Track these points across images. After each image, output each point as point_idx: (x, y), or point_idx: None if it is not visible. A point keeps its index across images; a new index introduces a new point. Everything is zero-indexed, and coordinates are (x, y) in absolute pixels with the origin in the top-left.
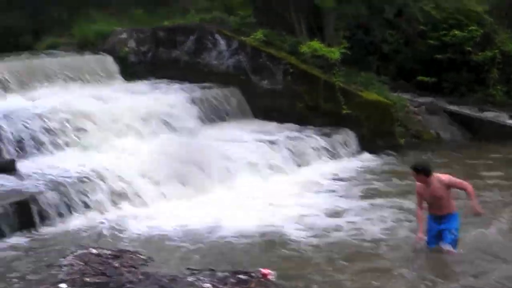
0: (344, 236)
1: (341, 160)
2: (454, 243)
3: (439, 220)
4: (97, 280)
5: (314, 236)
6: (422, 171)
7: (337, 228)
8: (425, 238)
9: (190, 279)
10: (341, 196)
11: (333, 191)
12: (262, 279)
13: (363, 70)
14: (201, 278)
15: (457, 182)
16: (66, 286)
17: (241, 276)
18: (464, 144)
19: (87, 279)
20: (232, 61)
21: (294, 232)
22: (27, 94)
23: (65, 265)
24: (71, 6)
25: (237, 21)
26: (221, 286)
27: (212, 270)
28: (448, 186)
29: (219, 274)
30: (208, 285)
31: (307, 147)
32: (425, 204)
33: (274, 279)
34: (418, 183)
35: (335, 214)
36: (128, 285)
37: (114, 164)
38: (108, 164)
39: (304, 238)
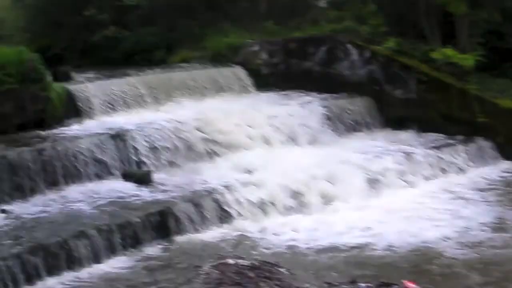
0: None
1: (478, 169)
2: None
3: None
4: None
5: (470, 252)
6: None
7: (494, 243)
8: None
9: None
10: (492, 207)
11: (482, 200)
12: None
13: (498, 77)
14: None
15: None
16: None
17: None
18: None
19: None
20: (364, 70)
21: (446, 245)
22: (162, 107)
23: (201, 274)
24: (203, 20)
25: (368, 31)
26: None
27: (354, 282)
28: None
29: (361, 285)
30: None
31: (445, 156)
32: None
33: None
34: None
35: (492, 227)
36: None
37: (251, 176)
38: (245, 176)
39: (459, 253)
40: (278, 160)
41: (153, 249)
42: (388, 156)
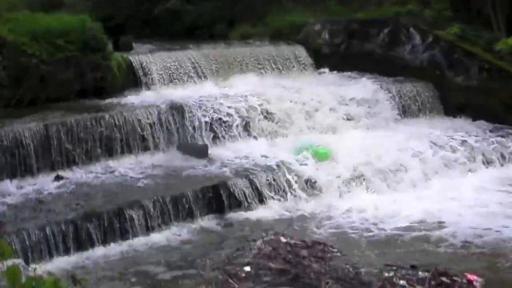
0: None
1: None
2: None
3: None
4: (281, 267)
5: None
6: None
7: None
8: None
9: (385, 274)
10: None
11: None
12: (466, 285)
13: None
14: (398, 275)
15: None
16: (250, 269)
17: (444, 279)
18: None
19: (272, 265)
20: (426, 55)
21: None
22: (222, 82)
23: (253, 249)
24: None
25: (432, 15)
26: (418, 287)
27: (414, 267)
28: None
29: (420, 273)
30: (403, 282)
31: (505, 146)
32: None
33: (480, 287)
34: None
35: None
36: (312, 275)
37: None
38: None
39: None
40: (338, 142)
41: (206, 222)
42: (447, 143)
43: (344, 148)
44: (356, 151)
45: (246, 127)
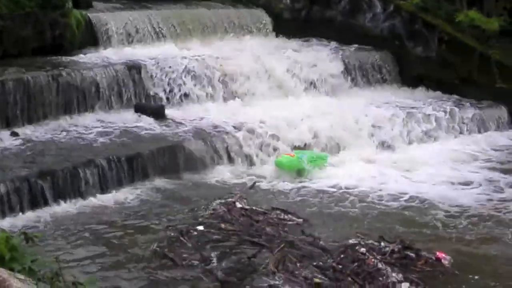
0: None
1: (492, 133)
2: None
3: None
4: (232, 228)
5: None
6: None
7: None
8: None
9: (349, 242)
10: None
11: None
12: (433, 261)
13: None
14: (362, 243)
15: None
16: (203, 228)
17: (409, 252)
18: None
19: (223, 225)
20: (386, 25)
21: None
22: (181, 43)
23: (208, 210)
24: None
25: None
26: (379, 256)
27: (382, 238)
28: None
29: (383, 244)
30: (364, 249)
31: (458, 118)
32: None
33: (449, 265)
34: None
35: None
36: (264, 237)
37: (264, 118)
38: (258, 118)
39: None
40: (297, 107)
41: (161, 183)
42: (402, 113)
43: (303, 113)
44: (315, 117)
45: (204, 89)
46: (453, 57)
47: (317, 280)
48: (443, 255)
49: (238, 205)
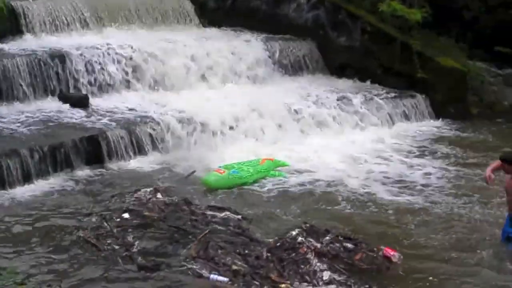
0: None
1: (411, 123)
2: None
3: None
4: (155, 215)
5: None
6: None
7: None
8: None
9: (292, 233)
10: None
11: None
12: (373, 255)
13: (442, 35)
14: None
15: None
16: (129, 216)
17: (348, 244)
18: None
19: (147, 213)
20: (310, 15)
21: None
22: (104, 32)
23: (132, 198)
24: None
25: None
26: (313, 246)
27: (327, 230)
28: None
29: (323, 232)
30: (302, 239)
31: (378, 107)
32: None
33: (398, 262)
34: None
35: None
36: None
37: (186, 107)
38: (181, 107)
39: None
40: (219, 96)
41: (85, 173)
42: (323, 101)
43: (227, 102)
44: (238, 105)
45: (128, 78)
46: (375, 46)
47: (235, 266)
48: (392, 252)
49: (160, 194)
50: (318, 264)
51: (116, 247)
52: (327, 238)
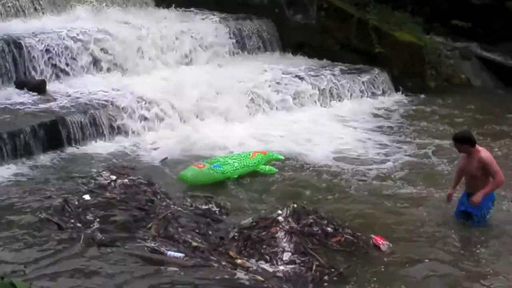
0: None
1: (369, 98)
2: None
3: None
4: (115, 196)
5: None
6: (468, 142)
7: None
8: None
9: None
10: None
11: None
12: (352, 240)
13: (398, 10)
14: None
15: (494, 168)
16: (89, 197)
17: (329, 229)
18: (494, 92)
19: (108, 194)
20: None
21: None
22: (60, 14)
23: (92, 181)
24: None
25: None
26: (288, 227)
27: (302, 207)
28: (483, 166)
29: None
30: (282, 218)
31: (336, 83)
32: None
33: (387, 251)
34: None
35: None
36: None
37: (144, 89)
38: (139, 90)
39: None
40: (178, 77)
41: (45, 158)
42: (282, 79)
43: (187, 83)
44: (200, 86)
45: (86, 62)
46: (332, 23)
47: (195, 243)
48: (381, 241)
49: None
50: (285, 244)
51: (78, 225)
52: (308, 219)
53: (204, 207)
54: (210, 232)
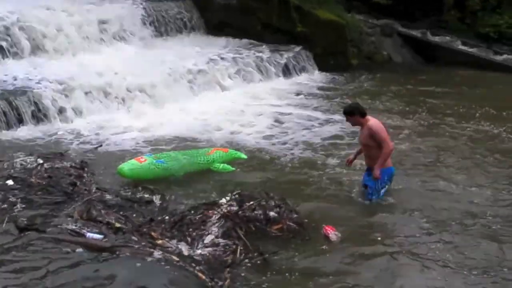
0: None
1: (291, 77)
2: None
3: (368, 172)
4: (40, 181)
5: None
6: (357, 112)
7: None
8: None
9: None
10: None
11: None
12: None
13: None
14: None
15: (381, 136)
16: (13, 182)
17: (271, 214)
18: (415, 67)
19: (33, 180)
20: None
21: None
22: None
23: (17, 166)
24: None
25: None
26: (226, 210)
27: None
28: (372, 135)
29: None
30: (226, 206)
31: (258, 63)
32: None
33: (336, 241)
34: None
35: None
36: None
37: (66, 74)
38: (61, 74)
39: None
40: (94, 63)
41: None
42: (204, 60)
43: (106, 67)
44: (118, 70)
45: (6, 45)
46: (253, 3)
47: (117, 224)
48: (330, 230)
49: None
50: (214, 228)
51: None
52: (252, 205)
53: (136, 195)
54: (134, 215)
